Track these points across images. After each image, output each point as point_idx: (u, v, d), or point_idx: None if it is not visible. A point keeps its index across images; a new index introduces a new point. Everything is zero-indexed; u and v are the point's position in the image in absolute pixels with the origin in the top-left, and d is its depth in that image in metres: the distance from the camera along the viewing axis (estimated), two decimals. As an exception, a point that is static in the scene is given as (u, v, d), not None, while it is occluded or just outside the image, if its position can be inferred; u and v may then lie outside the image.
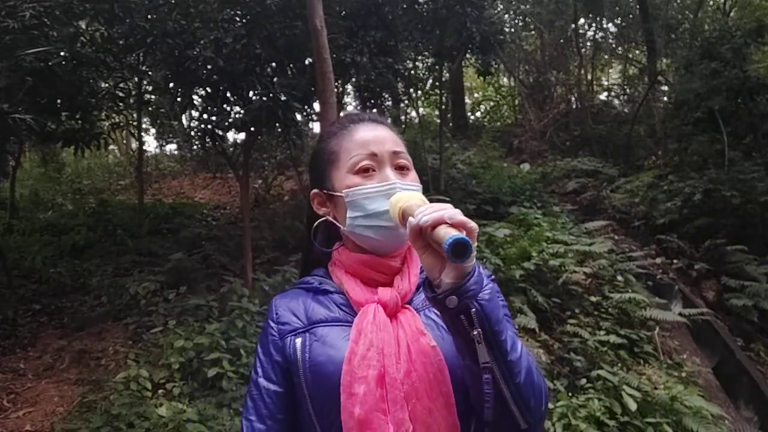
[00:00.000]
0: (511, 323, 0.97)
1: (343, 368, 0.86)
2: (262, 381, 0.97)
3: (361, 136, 1.01)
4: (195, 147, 10.83)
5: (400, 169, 1.00)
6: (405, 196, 0.88)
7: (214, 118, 5.21)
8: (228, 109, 5.34)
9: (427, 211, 0.79)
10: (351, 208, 0.97)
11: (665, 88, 11.99)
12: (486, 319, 0.77)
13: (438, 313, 0.84)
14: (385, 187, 0.96)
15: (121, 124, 7.53)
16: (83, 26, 4.73)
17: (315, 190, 1.06)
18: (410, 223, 0.80)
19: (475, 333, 0.76)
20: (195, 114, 6.67)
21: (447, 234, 0.73)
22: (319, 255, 1.09)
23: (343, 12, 6.36)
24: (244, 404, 0.99)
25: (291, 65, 5.66)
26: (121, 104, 6.12)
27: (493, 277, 1.03)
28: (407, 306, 0.94)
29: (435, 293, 0.79)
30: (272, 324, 0.99)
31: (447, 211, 0.77)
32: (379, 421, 0.82)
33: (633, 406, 3.62)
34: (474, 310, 0.76)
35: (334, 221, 1.03)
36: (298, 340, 0.94)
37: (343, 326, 0.93)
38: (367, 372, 0.85)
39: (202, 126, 5.36)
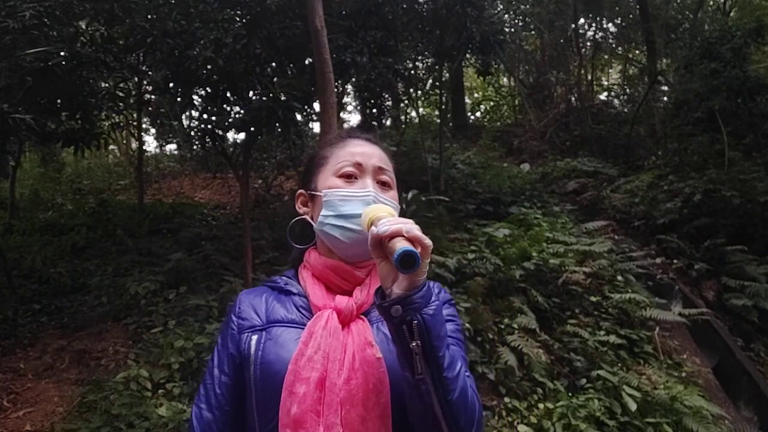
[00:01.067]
0: (462, 348, 1.00)
1: (289, 367, 0.89)
2: (215, 371, 1.00)
3: (352, 148, 1.08)
4: (195, 147, 10.79)
5: (382, 184, 1.06)
6: (377, 209, 0.92)
7: (214, 118, 5.20)
8: (228, 109, 5.33)
9: (388, 222, 0.83)
10: (326, 207, 1.03)
11: (665, 88, 11.97)
12: (426, 332, 0.80)
13: None
14: (361, 193, 1.01)
15: (121, 124, 7.55)
16: (83, 26, 4.71)
17: (300, 190, 1.13)
18: (372, 231, 0.84)
19: (414, 345, 0.79)
20: (195, 114, 6.65)
21: (400, 245, 0.78)
22: (297, 255, 1.13)
23: (343, 12, 6.35)
24: (197, 391, 1.02)
25: (291, 65, 5.66)
26: (121, 104, 6.10)
27: (453, 301, 1.09)
28: (362, 317, 0.97)
29: (383, 301, 0.83)
30: (233, 318, 1.03)
31: (406, 225, 0.81)
32: (312, 421, 0.85)
33: (633, 406, 3.63)
34: (416, 322, 0.79)
35: (311, 220, 1.07)
36: (254, 337, 0.97)
37: (298, 328, 0.96)
38: (310, 374, 0.88)
39: (202, 126, 5.36)
